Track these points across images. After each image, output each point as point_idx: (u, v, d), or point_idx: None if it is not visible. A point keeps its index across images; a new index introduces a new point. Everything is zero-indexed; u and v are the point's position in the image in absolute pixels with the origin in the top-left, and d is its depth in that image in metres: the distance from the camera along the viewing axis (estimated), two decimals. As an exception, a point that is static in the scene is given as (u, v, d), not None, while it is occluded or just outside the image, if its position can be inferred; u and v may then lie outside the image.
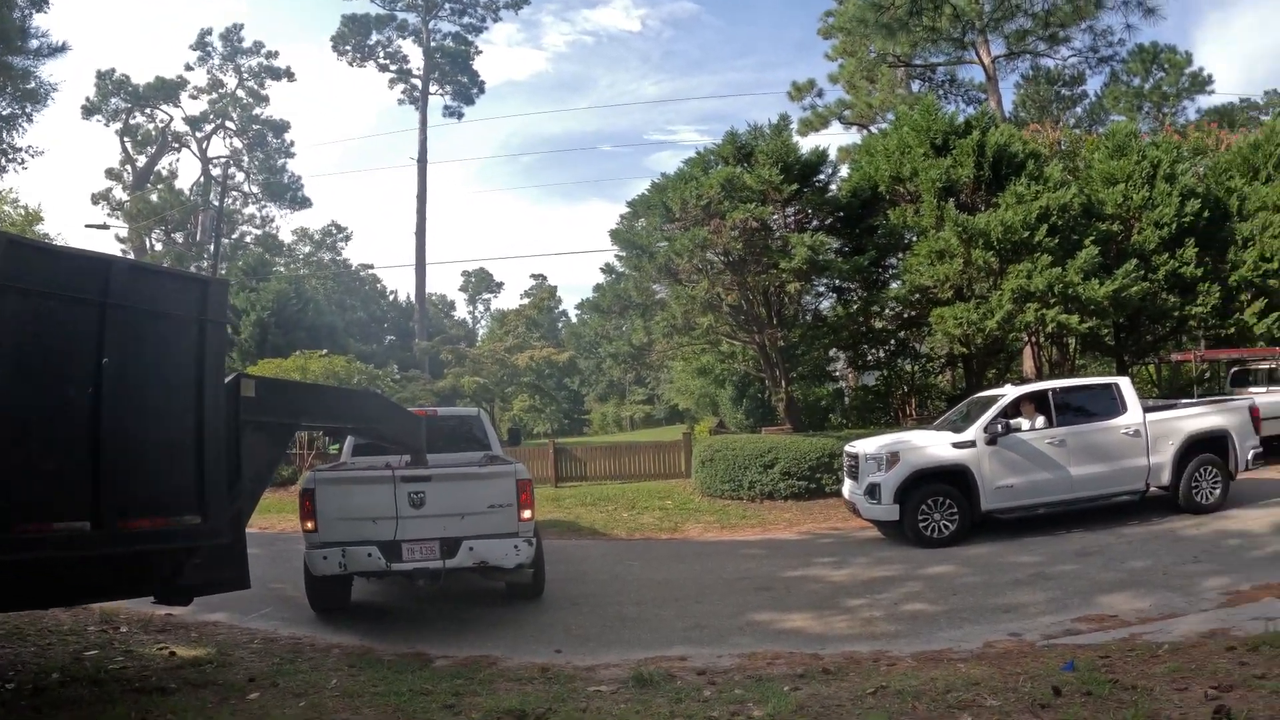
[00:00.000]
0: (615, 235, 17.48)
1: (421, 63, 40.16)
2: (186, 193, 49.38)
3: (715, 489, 15.91)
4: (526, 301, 66.06)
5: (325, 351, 22.33)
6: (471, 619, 8.10)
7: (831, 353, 20.89)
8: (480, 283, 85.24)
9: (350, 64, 40.88)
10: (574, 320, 69.02)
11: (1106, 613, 7.23)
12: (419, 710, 5.20)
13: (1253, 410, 12.05)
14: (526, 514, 7.53)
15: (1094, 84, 38.90)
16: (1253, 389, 16.95)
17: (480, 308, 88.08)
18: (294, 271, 45.06)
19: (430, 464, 8.24)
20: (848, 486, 12.02)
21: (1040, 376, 18.33)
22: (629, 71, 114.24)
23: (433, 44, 39.16)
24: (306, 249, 56.79)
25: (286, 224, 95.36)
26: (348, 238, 58.96)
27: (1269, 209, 18.22)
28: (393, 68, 39.77)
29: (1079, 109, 39.05)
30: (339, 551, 7.11)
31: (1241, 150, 20.55)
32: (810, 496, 14.96)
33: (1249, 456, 11.69)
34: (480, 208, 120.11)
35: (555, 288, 79.10)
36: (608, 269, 19.21)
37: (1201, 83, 38.14)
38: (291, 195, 53.02)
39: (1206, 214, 17.66)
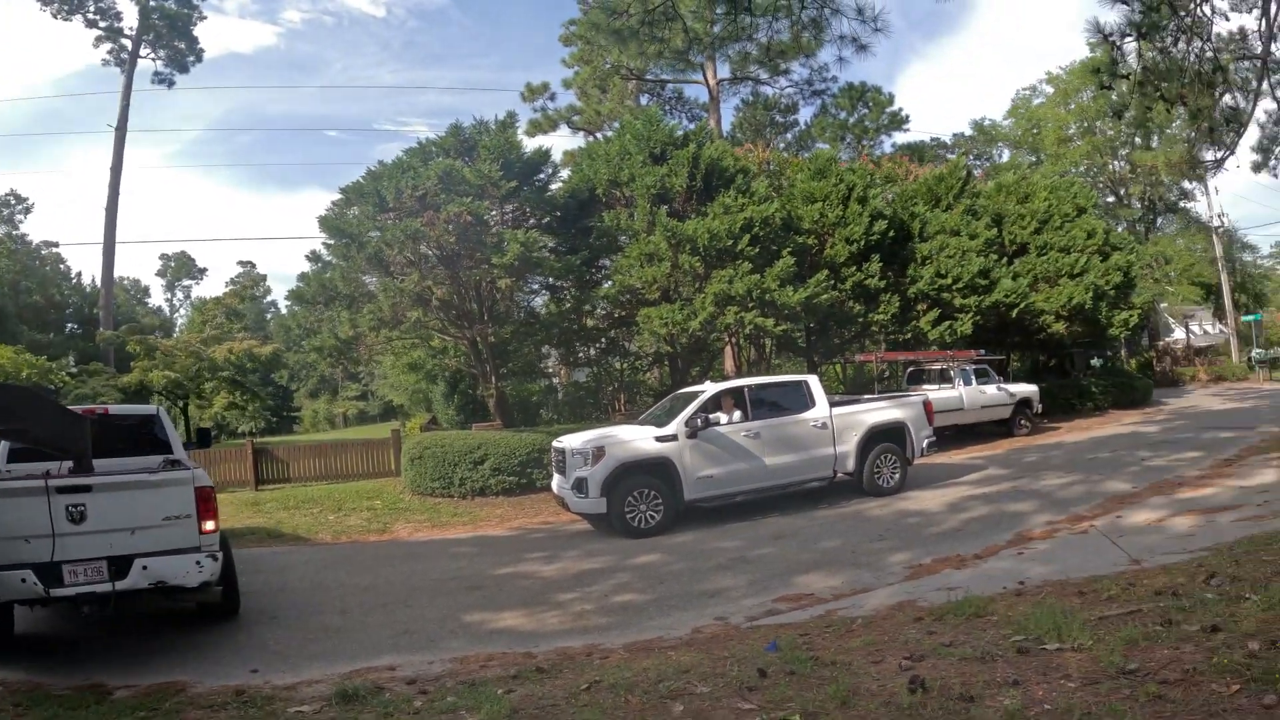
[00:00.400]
0: (324, 222, 16.41)
1: (136, 22, 35.51)
2: None
3: (425, 487, 15.56)
4: (231, 289, 61.16)
5: None
6: (158, 643, 7.23)
7: (544, 349, 21.11)
8: (181, 267, 77.63)
9: (55, 15, 35.30)
10: (284, 312, 64.95)
11: (804, 591, 7.72)
12: None
13: (927, 405, 13.60)
14: (209, 525, 6.80)
15: (806, 114, 43.23)
16: (926, 386, 19.35)
17: (180, 295, 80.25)
18: None
19: (97, 471, 7.12)
20: (556, 481, 12.17)
21: (740, 374, 19.76)
22: (366, 57, 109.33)
23: (151, 2, 34.76)
24: None
25: None
26: (29, 209, 51.06)
27: (946, 233, 20.98)
28: (102, 24, 34.82)
29: (790, 135, 42.83)
30: None
31: (927, 181, 23.62)
32: (522, 492, 15.05)
33: (924, 445, 13.23)
34: (187, 187, 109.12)
35: (265, 275, 74.01)
36: (314, 257, 18.03)
37: (899, 121, 43.11)
38: None
39: (892, 234, 20.03)
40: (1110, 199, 38.71)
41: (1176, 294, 39.28)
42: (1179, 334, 40.58)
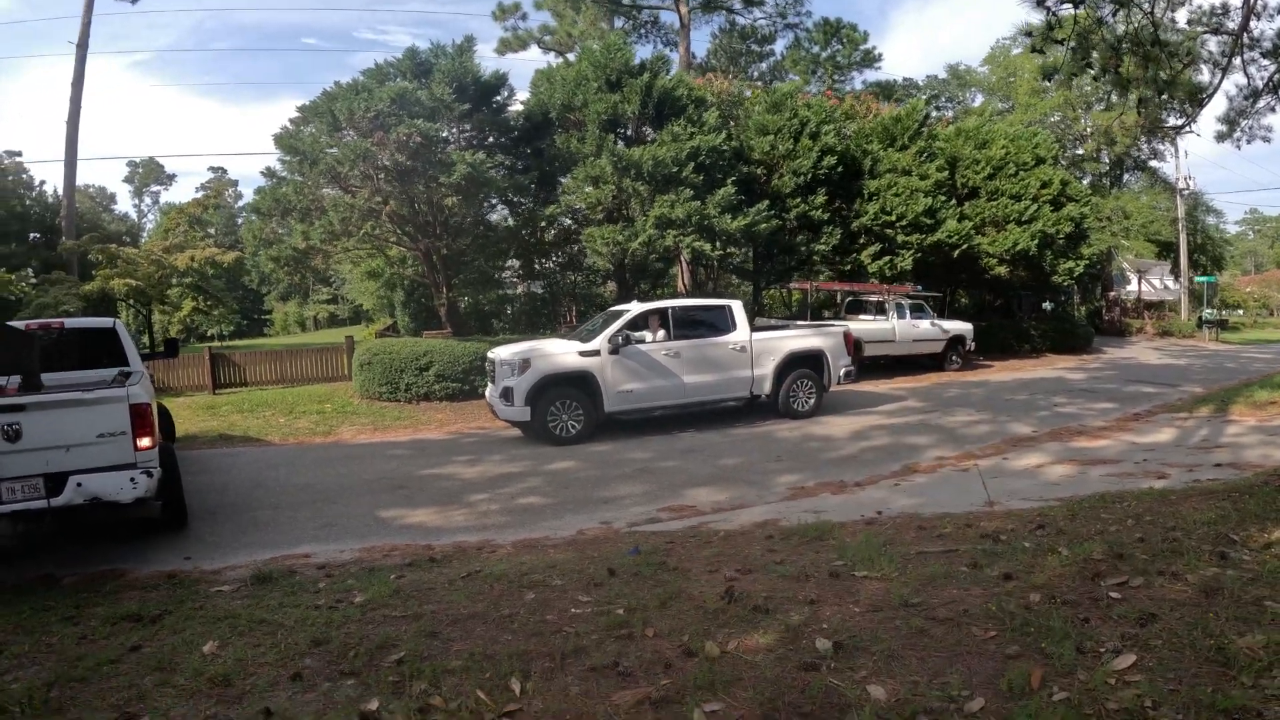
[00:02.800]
0: (279, 140, 16.91)
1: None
2: None
3: (374, 391, 16.23)
4: (200, 196, 60.26)
5: None
6: (104, 541, 7.75)
7: (505, 262, 21.64)
8: (149, 174, 75.52)
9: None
10: (255, 219, 64.15)
11: (688, 504, 8.26)
12: (38, 624, 5.20)
13: (846, 335, 14.13)
14: (145, 441, 6.81)
15: (780, 45, 42.77)
16: (863, 316, 20.06)
17: (149, 200, 78.41)
18: None
19: (50, 385, 7.42)
20: (489, 390, 12.82)
21: (689, 293, 20.32)
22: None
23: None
24: None
25: None
26: None
27: (896, 172, 21.47)
28: (73, -67, 33.63)
29: (765, 64, 42.42)
30: None
31: (884, 121, 23.76)
32: (464, 398, 15.81)
33: (841, 373, 13.86)
34: (157, 96, 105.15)
35: (237, 181, 72.81)
36: (269, 173, 18.46)
37: (872, 59, 43.07)
38: None
39: (841, 169, 20.51)
40: (1080, 151, 38.94)
41: (1131, 248, 39.88)
42: (1132, 286, 41.32)
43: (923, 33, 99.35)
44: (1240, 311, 49.11)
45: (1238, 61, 10.23)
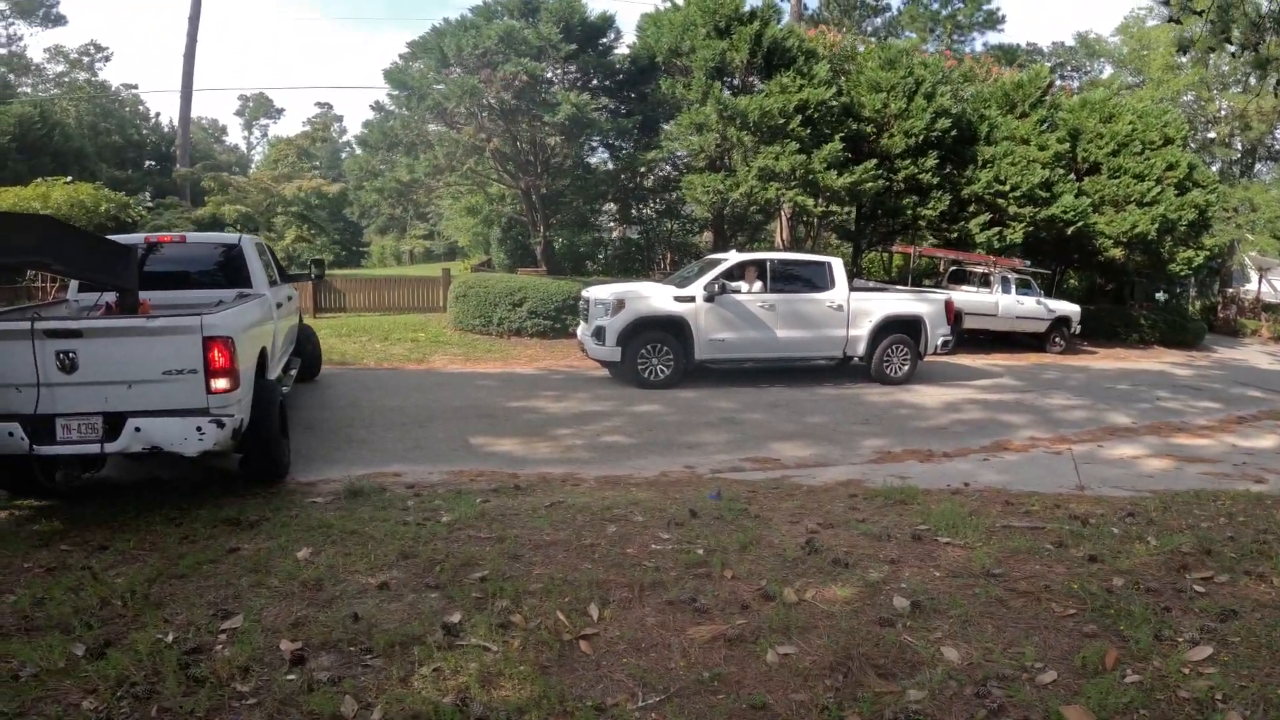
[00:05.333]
0: (389, 75, 17.19)
1: None
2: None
3: (467, 324, 16.56)
4: (307, 129, 61.68)
5: (70, 179, 20.36)
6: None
7: (602, 205, 21.63)
8: (259, 108, 77.55)
9: None
10: (359, 153, 65.55)
11: (772, 456, 8.24)
12: (143, 524, 5.44)
13: (948, 304, 13.70)
14: (221, 383, 5.64)
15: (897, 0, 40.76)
16: (965, 287, 19.38)
17: (258, 134, 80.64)
18: (43, 93, 39.88)
19: (163, 303, 6.67)
20: (581, 327, 12.87)
21: (787, 248, 19.98)
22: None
23: None
24: (59, 68, 49.97)
25: (38, 43, 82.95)
26: (108, 58, 52.50)
27: (1014, 140, 20.47)
28: None
29: (879, 20, 40.91)
30: None
31: (1004, 86, 22.62)
32: (555, 335, 16.03)
33: (939, 342, 13.42)
34: (268, 28, 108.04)
35: (341, 116, 74.30)
36: (378, 107, 18.79)
37: (994, 20, 41.21)
38: (45, 12, 46.48)
39: (955, 133, 19.66)
40: (1211, 135, 36.66)
41: (1255, 244, 37.47)
42: (1251, 285, 38.99)
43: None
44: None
45: None
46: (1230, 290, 36.48)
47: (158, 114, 52.74)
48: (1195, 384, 15.69)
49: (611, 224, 24.43)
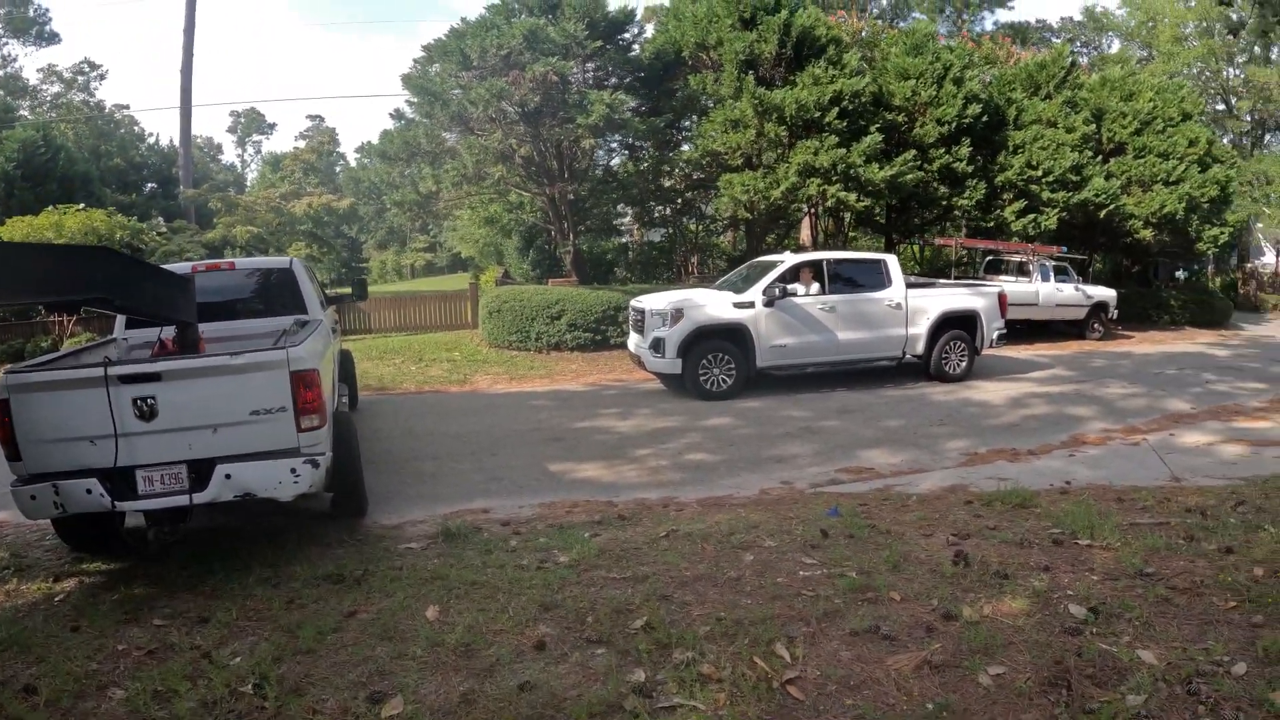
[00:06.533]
0: (408, 81, 16.65)
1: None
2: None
3: (503, 340, 16.06)
4: (303, 145, 61.30)
5: (81, 206, 19.92)
6: None
7: (620, 208, 21.24)
8: (251, 124, 77.20)
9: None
10: (353, 165, 65.22)
11: (865, 465, 7.99)
12: (237, 588, 4.95)
13: (1001, 296, 13.41)
14: (312, 421, 5.21)
15: None
16: (1002, 277, 19.02)
17: (251, 150, 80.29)
18: (40, 116, 39.37)
19: (218, 336, 6.26)
20: (633, 340, 12.42)
21: (816, 246, 19.61)
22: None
23: None
24: (55, 89, 49.39)
25: (32, 63, 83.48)
26: (103, 76, 52.25)
27: (1042, 123, 20.10)
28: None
29: (885, 1, 40.40)
30: (50, 489, 4.82)
31: (1028, 67, 22.32)
32: (596, 348, 15.54)
33: (994, 336, 13.16)
34: (254, 42, 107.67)
35: (334, 130, 74.19)
36: (397, 115, 18.37)
37: None
38: (38, 30, 46.10)
39: (985, 119, 19.23)
40: (1220, 107, 36.23)
41: (1273, 217, 37.12)
42: (1268, 258, 38.68)
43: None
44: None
45: None
46: (1249, 265, 36.23)
47: (154, 134, 52.45)
48: (1235, 364, 15.61)
49: (629, 228, 24.02)
